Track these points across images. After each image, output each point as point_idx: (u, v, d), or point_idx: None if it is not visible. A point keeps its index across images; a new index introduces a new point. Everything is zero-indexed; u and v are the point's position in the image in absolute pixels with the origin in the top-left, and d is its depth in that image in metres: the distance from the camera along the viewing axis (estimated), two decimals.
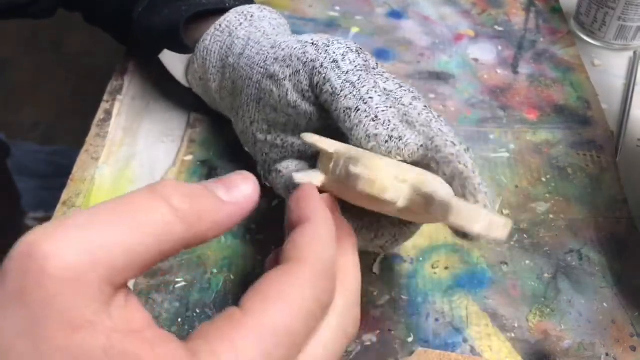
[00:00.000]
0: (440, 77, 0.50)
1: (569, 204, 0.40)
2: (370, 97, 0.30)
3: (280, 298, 0.20)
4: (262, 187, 0.26)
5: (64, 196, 0.41)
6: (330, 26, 0.54)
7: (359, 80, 0.31)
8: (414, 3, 0.58)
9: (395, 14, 0.56)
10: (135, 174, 0.42)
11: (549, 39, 0.53)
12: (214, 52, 0.39)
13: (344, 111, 0.31)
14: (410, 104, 0.31)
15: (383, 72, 0.33)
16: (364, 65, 0.32)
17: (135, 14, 0.43)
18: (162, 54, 0.44)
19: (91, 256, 0.17)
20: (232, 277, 0.36)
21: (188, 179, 0.41)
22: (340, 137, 0.31)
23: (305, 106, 0.33)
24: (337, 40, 0.33)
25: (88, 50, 1.49)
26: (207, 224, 0.20)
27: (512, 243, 0.38)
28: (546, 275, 0.37)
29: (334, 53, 0.32)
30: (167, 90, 0.47)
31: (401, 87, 0.32)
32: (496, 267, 0.37)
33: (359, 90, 0.31)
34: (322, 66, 0.32)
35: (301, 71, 0.33)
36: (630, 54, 0.52)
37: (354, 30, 0.54)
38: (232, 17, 0.40)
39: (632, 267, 0.37)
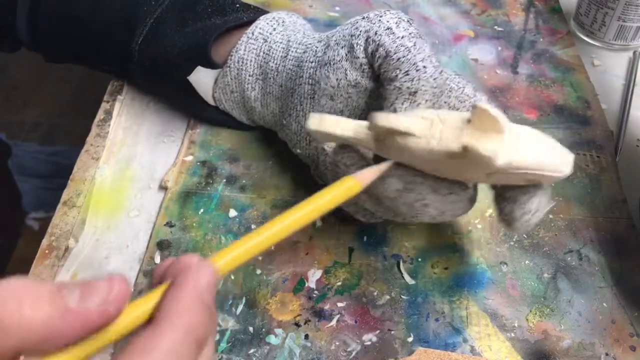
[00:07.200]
0: None
1: (568, 204, 0.40)
2: (424, 66, 0.31)
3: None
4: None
5: (65, 196, 0.41)
6: (330, 26, 0.54)
7: (414, 45, 0.31)
8: (413, 3, 0.58)
9: None
10: (135, 174, 0.42)
11: (548, 39, 0.54)
12: (250, 61, 0.39)
13: (393, 72, 0.31)
14: (475, 95, 0.32)
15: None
16: (417, 33, 0.32)
17: (134, 47, 0.42)
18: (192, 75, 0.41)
19: None
20: (232, 277, 0.36)
21: (188, 179, 0.42)
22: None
23: (365, 82, 0.33)
24: (389, 10, 0.33)
25: None
26: (37, 333, 0.18)
27: (511, 243, 0.38)
28: (546, 275, 0.37)
29: (388, 21, 0.32)
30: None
31: (458, 75, 0.33)
32: (496, 267, 0.37)
33: (414, 56, 0.31)
34: (376, 34, 0.32)
35: (355, 46, 0.33)
36: (630, 54, 0.52)
37: None
38: (263, 23, 0.40)
39: (631, 266, 0.37)
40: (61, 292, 0.19)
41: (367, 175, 0.28)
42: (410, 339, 0.34)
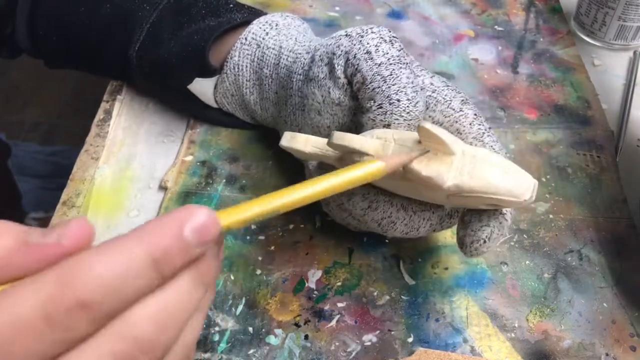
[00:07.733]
0: None
1: (568, 204, 0.40)
2: (398, 99, 0.30)
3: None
4: None
5: (64, 196, 0.41)
6: (330, 26, 0.54)
7: (390, 75, 0.30)
8: (413, 3, 0.58)
9: (395, 14, 0.56)
10: (135, 174, 0.42)
11: (548, 39, 0.53)
12: (246, 66, 0.39)
13: (368, 102, 0.31)
14: (461, 109, 0.31)
15: (419, 66, 0.33)
16: (397, 57, 0.31)
17: (131, 53, 0.42)
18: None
19: None
20: (232, 277, 0.36)
21: (188, 179, 0.42)
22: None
23: (348, 101, 0.33)
24: (371, 29, 0.32)
25: None
26: None
27: (512, 243, 0.38)
28: (546, 275, 0.37)
29: (368, 43, 0.31)
30: None
31: (447, 86, 0.32)
32: (496, 267, 0.37)
33: (389, 87, 0.30)
34: (355, 57, 0.31)
35: (336, 65, 0.32)
36: (630, 54, 0.52)
37: None
38: (256, 28, 0.39)
39: (631, 266, 0.37)
40: (26, 232, 0.20)
41: (393, 160, 0.27)
42: (410, 339, 0.34)
